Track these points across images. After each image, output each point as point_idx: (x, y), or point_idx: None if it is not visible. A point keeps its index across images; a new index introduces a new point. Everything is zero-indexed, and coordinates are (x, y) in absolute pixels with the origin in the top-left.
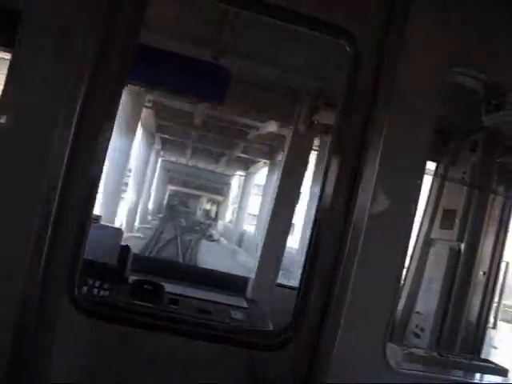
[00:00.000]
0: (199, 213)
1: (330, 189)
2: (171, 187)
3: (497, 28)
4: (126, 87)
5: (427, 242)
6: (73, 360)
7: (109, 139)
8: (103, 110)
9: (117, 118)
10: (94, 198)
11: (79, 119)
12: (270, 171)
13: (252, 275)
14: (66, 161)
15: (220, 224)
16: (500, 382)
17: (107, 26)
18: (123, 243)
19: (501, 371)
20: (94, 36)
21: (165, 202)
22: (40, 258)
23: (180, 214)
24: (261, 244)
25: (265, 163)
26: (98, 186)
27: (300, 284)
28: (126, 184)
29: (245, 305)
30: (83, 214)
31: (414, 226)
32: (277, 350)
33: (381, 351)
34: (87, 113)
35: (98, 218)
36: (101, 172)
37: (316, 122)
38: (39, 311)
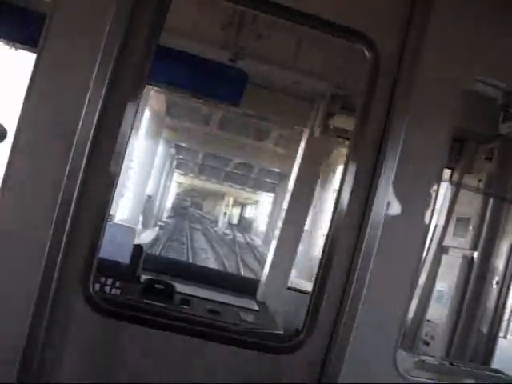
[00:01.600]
0: (222, 222)
1: (346, 194)
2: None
3: None
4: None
5: (440, 250)
6: (85, 358)
7: (128, 139)
8: (123, 110)
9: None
10: (112, 198)
11: (99, 119)
12: None
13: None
14: (85, 160)
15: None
16: None
17: (130, 27)
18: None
19: (511, 381)
20: (117, 37)
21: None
22: (57, 256)
23: (189, 226)
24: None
25: None
26: (115, 186)
27: (313, 288)
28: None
29: (255, 307)
30: (100, 213)
31: (428, 233)
32: (287, 353)
33: (392, 358)
34: (108, 113)
35: (110, 216)
36: (119, 172)
37: (331, 126)
38: (53, 309)
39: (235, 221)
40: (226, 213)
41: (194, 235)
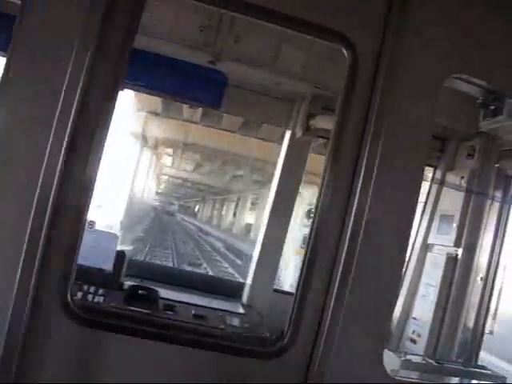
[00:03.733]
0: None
1: (327, 194)
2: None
3: (496, 34)
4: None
5: (424, 248)
6: (65, 368)
7: (104, 144)
8: (98, 114)
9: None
10: (89, 203)
11: (74, 123)
12: None
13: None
14: (60, 165)
15: None
16: None
17: (103, 29)
18: None
19: (497, 378)
20: (90, 40)
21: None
22: (33, 264)
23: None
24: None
25: None
26: (92, 191)
27: (296, 291)
28: None
29: (241, 310)
30: (78, 218)
31: (412, 231)
32: (273, 358)
33: (378, 359)
34: (82, 117)
35: (92, 223)
36: (95, 177)
37: (313, 126)
38: (31, 318)
39: None
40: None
41: None
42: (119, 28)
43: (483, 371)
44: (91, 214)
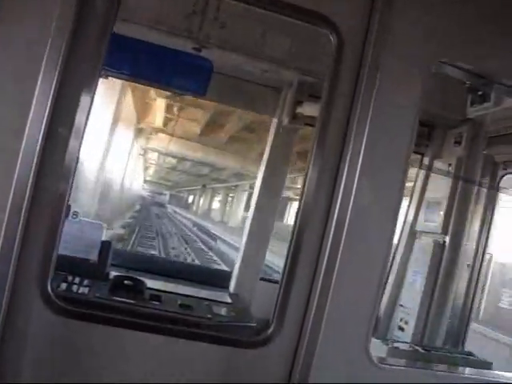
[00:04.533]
0: None
1: (312, 181)
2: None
3: (484, 18)
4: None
5: (412, 235)
6: (45, 360)
7: (83, 130)
8: (77, 101)
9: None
10: (69, 191)
11: (51, 111)
12: None
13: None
14: (37, 152)
15: None
16: (482, 375)
17: (80, 14)
18: None
19: (484, 364)
20: (67, 25)
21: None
22: (10, 254)
23: None
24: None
25: None
26: (72, 178)
27: (281, 279)
28: None
29: (228, 300)
30: (57, 206)
31: (399, 218)
32: (259, 347)
33: (364, 347)
34: (60, 104)
35: (77, 212)
36: (75, 164)
37: (300, 114)
38: (9, 310)
39: None
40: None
41: None
42: (98, 12)
43: (470, 357)
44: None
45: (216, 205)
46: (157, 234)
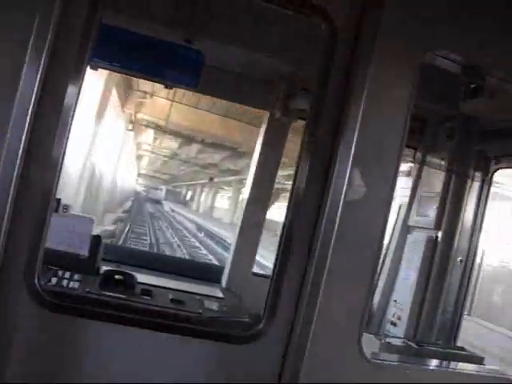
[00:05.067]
0: None
1: (303, 175)
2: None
3: (478, 9)
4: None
5: (404, 230)
6: (34, 356)
7: (71, 121)
8: (64, 91)
9: None
10: (56, 183)
11: (38, 100)
12: None
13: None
14: (23, 144)
15: None
16: (474, 369)
17: (67, 3)
18: None
19: (476, 359)
20: (53, 15)
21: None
22: None
23: None
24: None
25: None
26: (59, 171)
27: (272, 274)
28: None
29: (220, 294)
30: (44, 198)
31: (392, 213)
32: (250, 342)
33: (356, 342)
34: (47, 94)
35: (67, 206)
36: (63, 157)
37: (292, 107)
38: None
39: None
40: None
41: None
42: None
43: (462, 352)
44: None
45: (221, 202)
46: (151, 244)
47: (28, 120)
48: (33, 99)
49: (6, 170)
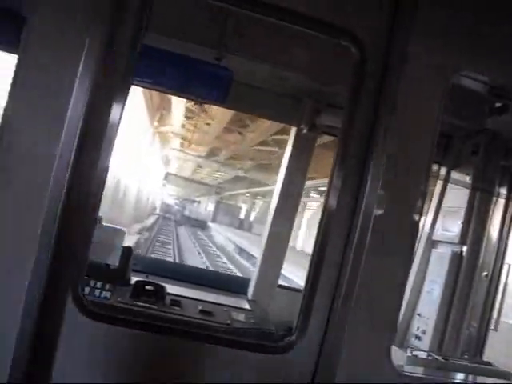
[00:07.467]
0: None
1: (335, 192)
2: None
3: (504, 31)
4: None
5: (429, 244)
6: (76, 363)
7: (114, 139)
8: (109, 111)
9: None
10: (100, 198)
11: (85, 121)
12: None
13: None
14: (72, 160)
15: None
16: None
17: (113, 26)
18: None
19: (503, 374)
20: (100, 38)
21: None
22: (45, 259)
23: None
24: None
25: None
26: (103, 186)
27: (305, 287)
28: None
29: (247, 306)
30: (89, 212)
31: (418, 227)
32: (280, 353)
33: (386, 354)
34: (93, 114)
35: (100, 218)
36: (106, 172)
37: (318, 123)
38: (43, 313)
39: None
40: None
41: None
42: (129, 23)
43: (489, 367)
44: None
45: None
46: None
47: (77, 137)
48: (82, 118)
49: (57, 186)
